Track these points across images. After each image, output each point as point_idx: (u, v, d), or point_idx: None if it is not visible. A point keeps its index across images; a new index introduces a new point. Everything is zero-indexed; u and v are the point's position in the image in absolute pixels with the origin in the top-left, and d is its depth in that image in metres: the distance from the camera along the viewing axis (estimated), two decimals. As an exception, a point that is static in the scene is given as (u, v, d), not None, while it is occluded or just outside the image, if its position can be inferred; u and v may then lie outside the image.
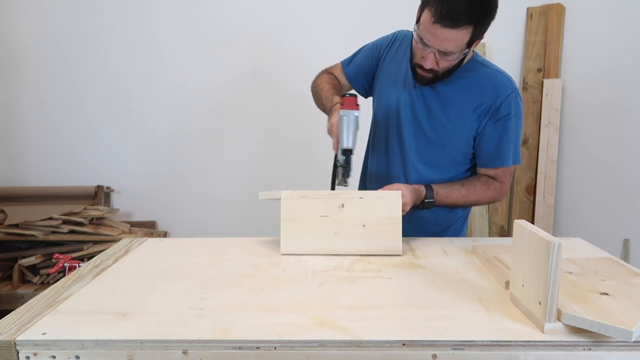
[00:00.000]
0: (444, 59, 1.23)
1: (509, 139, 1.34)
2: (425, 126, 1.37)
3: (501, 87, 1.32)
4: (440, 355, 0.76)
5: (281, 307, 0.89)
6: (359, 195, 1.18)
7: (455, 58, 1.24)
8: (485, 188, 1.38)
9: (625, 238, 2.45)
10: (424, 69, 1.27)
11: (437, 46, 1.20)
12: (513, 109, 1.32)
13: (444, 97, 1.35)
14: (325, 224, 1.18)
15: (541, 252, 0.78)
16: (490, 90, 1.32)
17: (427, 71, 1.27)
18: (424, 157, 1.40)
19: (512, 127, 1.33)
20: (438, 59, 1.23)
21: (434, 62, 1.24)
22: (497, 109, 1.31)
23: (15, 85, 2.80)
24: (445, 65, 1.26)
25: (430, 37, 1.19)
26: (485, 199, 1.40)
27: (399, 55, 1.43)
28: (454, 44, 1.19)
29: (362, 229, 1.17)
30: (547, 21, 2.75)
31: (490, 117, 1.32)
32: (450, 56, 1.23)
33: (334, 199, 1.18)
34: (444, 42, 1.18)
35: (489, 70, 1.36)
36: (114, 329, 0.80)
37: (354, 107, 1.29)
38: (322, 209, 1.18)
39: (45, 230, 2.52)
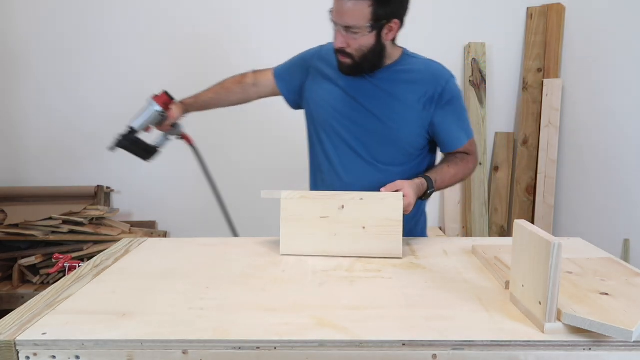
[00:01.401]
0: (351, 37, 1.26)
1: (462, 117, 1.43)
2: (376, 125, 1.38)
3: (439, 75, 1.38)
4: (440, 355, 0.76)
5: (281, 307, 0.89)
6: (360, 197, 1.17)
7: (364, 38, 1.26)
8: (465, 162, 1.43)
9: (625, 238, 2.45)
10: (340, 54, 1.31)
11: (340, 21, 1.25)
12: (455, 92, 1.39)
13: (388, 93, 1.37)
14: (325, 225, 1.18)
15: (541, 252, 0.78)
16: (430, 79, 1.37)
17: (343, 55, 1.30)
18: (379, 157, 1.41)
19: (459, 107, 1.42)
20: (346, 35, 1.26)
21: (344, 41, 1.28)
22: (441, 95, 1.36)
23: (15, 85, 2.80)
24: (356, 46, 1.28)
25: (335, 13, 1.25)
26: (468, 172, 1.45)
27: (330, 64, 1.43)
28: (353, 17, 1.23)
29: (362, 230, 1.17)
30: (547, 21, 2.75)
31: (437, 104, 1.37)
32: (357, 34, 1.25)
33: (333, 200, 1.18)
34: (344, 15, 1.23)
35: (422, 60, 1.43)
36: (114, 329, 0.80)
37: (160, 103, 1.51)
38: (322, 209, 1.18)
39: (45, 230, 2.52)
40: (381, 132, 1.38)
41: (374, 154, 1.41)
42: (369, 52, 1.31)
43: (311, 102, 1.47)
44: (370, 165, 1.41)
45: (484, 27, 2.81)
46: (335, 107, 1.41)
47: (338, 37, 1.28)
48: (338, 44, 1.29)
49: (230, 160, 2.87)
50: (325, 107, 1.43)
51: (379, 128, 1.37)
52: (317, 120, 1.46)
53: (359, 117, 1.39)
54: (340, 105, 1.40)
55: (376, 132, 1.38)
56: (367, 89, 1.38)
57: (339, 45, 1.29)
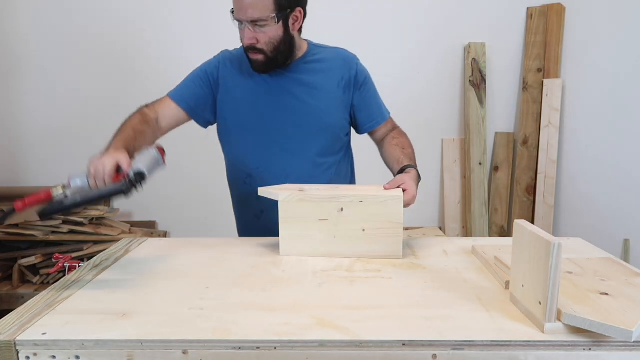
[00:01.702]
0: (259, 31, 1.26)
1: (377, 95, 1.50)
2: (304, 117, 1.39)
3: (349, 59, 1.45)
4: (440, 355, 0.76)
5: (281, 307, 0.89)
6: (359, 199, 1.17)
7: (272, 30, 1.26)
8: (404, 136, 1.48)
9: (625, 238, 2.45)
10: (251, 51, 1.30)
11: (244, 16, 1.24)
12: (366, 72, 1.47)
13: (307, 84, 1.39)
14: (325, 227, 1.17)
15: (541, 252, 0.78)
16: (342, 64, 1.43)
17: (254, 52, 1.29)
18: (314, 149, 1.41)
19: (373, 86, 1.48)
20: (254, 31, 1.26)
21: (253, 37, 1.26)
22: (356, 77, 1.43)
23: (15, 85, 2.80)
24: (266, 40, 1.27)
25: (237, 11, 1.25)
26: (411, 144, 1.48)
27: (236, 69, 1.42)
28: (257, 9, 1.22)
29: (362, 233, 1.17)
30: (547, 21, 2.75)
31: (354, 87, 1.43)
32: (264, 27, 1.25)
33: (333, 203, 1.17)
34: (248, 9, 1.22)
35: (329, 48, 1.47)
36: (114, 329, 0.80)
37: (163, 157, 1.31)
38: (321, 212, 1.17)
39: (45, 230, 2.52)
40: (311, 123, 1.39)
41: (308, 148, 1.41)
42: (280, 44, 1.30)
43: (230, 112, 1.42)
44: (307, 162, 1.41)
45: (484, 27, 2.81)
46: (258, 109, 1.39)
47: (246, 34, 1.26)
48: (247, 40, 1.27)
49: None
50: (247, 112, 1.40)
51: (308, 119, 1.39)
52: (240, 127, 1.42)
53: (285, 114, 1.39)
54: (264, 106, 1.39)
55: (306, 123, 1.39)
56: (286, 84, 1.39)
57: (248, 41, 1.27)
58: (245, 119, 1.41)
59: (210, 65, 1.44)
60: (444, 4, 2.78)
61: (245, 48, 1.31)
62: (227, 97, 1.42)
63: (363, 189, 1.24)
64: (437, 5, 2.77)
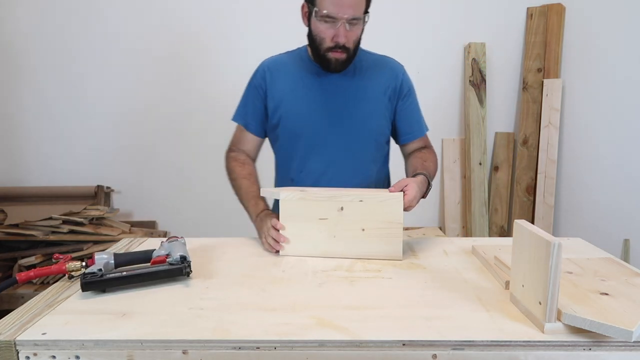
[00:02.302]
0: (352, 30, 1.28)
1: (418, 109, 1.49)
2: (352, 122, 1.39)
3: (396, 69, 1.45)
4: (440, 355, 0.76)
5: (281, 307, 0.89)
6: (359, 199, 1.17)
7: (358, 29, 1.30)
8: (432, 154, 1.46)
9: (625, 238, 2.45)
10: (337, 50, 1.29)
11: (344, 14, 1.24)
12: (411, 84, 1.47)
13: (356, 88, 1.39)
14: (324, 227, 1.17)
15: (541, 252, 0.78)
16: (389, 72, 1.43)
17: (341, 51, 1.30)
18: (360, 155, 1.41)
19: (415, 99, 1.48)
20: (347, 30, 1.27)
21: (346, 34, 1.27)
22: (400, 87, 1.43)
23: (15, 85, 2.80)
24: (354, 38, 1.30)
25: (336, 8, 1.24)
26: (437, 164, 1.47)
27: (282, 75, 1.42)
28: (357, 7, 1.25)
29: (362, 232, 1.17)
30: (547, 21, 2.75)
31: (398, 96, 1.43)
32: (356, 25, 1.28)
33: (333, 202, 1.17)
34: (349, 8, 1.24)
35: (378, 56, 1.47)
36: (114, 329, 0.80)
37: None
38: (321, 211, 1.17)
39: (45, 230, 2.52)
40: (355, 128, 1.39)
41: (351, 153, 1.40)
42: (358, 44, 1.34)
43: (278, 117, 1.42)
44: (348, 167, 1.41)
45: (484, 27, 2.81)
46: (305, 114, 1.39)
47: (341, 32, 1.26)
48: (342, 39, 1.27)
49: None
50: (294, 117, 1.40)
51: (353, 124, 1.39)
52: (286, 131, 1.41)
53: (331, 118, 1.38)
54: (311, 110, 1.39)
55: (350, 128, 1.39)
56: (334, 88, 1.38)
57: (344, 40, 1.27)
58: (291, 123, 1.41)
59: (257, 77, 1.45)
60: (444, 4, 2.78)
61: (330, 47, 1.29)
62: (275, 104, 1.42)
63: (365, 190, 1.24)
64: (437, 5, 2.77)
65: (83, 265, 1.02)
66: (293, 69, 1.41)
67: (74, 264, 1.02)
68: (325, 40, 1.29)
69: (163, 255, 1.06)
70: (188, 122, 2.86)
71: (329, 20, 1.25)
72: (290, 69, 1.42)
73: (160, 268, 1.00)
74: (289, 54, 1.48)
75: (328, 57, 1.32)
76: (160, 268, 1.00)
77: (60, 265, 1.02)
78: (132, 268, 1.01)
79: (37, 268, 1.04)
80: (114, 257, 1.04)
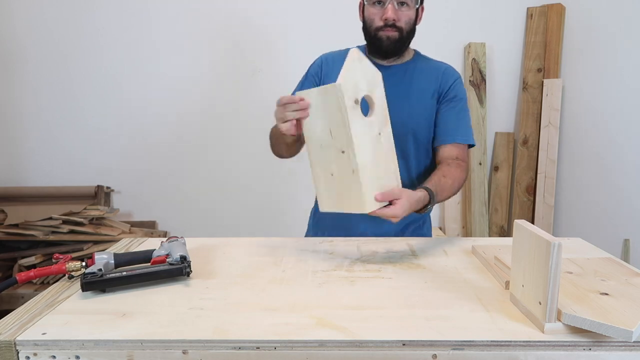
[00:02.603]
0: (401, 10, 1.31)
1: (464, 118, 1.45)
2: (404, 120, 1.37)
3: (449, 73, 1.44)
4: (440, 355, 0.76)
5: (281, 307, 0.89)
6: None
7: (411, 12, 1.32)
8: (459, 170, 1.37)
9: (625, 238, 2.45)
10: (388, 28, 1.32)
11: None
12: (461, 92, 1.44)
13: (405, 87, 1.40)
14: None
15: (541, 252, 0.78)
16: (440, 76, 1.43)
17: (392, 29, 1.32)
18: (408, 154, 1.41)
19: (463, 108, 1.45)
20: (397, 9, 1.30)
21: (395, 12, 1.30)
22: (447, 91, 1.42)
23: (15, 85, 2.80)
24: (406, 19, 1.32)
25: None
26: (461, 182, 1.39)
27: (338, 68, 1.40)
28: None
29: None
30: (547, 21, 2.75)
31: (443, 99, 1.43)
32: (406, 6, 1.31)
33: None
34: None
35: (435, 61, 1.49)
36: (114, 329, 0.80)
37: None
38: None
39: (45, 230, 2.52)
40: (408, 127, 1.38)
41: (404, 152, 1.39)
42: (412, 29, 1.36)
43: None
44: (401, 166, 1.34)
45: (484, 27, 2.81)
46: None
47: (390, 10, 1.29)
48: (390, 15, 1.30)
49: (230, 160, 2.87)
50: None
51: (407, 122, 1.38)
52: None
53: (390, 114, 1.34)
54: None
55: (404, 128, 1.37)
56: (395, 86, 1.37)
57: (392, 16, 1.30)
58: None
59: (314, 67, 1.48)
60: (444, 4, 2.78)
61: (381, 27, 1.32)
62: None
63: None
64: (437, 5, 2.77)
65: (83, 265, 1.02)
66: None
67: (74, 264, 1.02)
68: (374, 20, 1.33)
69: (163, 255, 1.06)
70: (188, 122, 2.86)
71: (377, 3, 1.31)
72: None
73: (160, 268, 1.00)
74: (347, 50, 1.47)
75: (379, 36, 1.34)
76: (160, 268, 1.00)
77: (60, 265, 1.02)
78: (132, 268, 1.01)
79: (37, 268, 1.04)
80: (114, 257, 1.04)
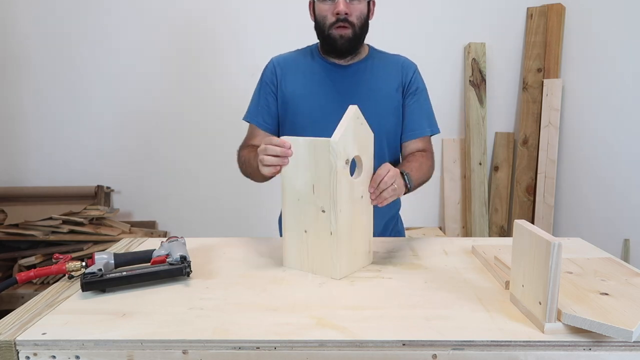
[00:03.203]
0: (352, 4, 1.28)
1: (426, 109, 1.44)
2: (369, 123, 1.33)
3: (407, 66, 1.43)
4: (440, 355, 0.76)
5: (281, 307, 0.89)
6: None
7: (361, 5, 1.30)
8: (428, 161, 1.38)
9: (625, 238, 2.45)
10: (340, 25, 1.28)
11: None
12: (421, 83, 1.43)
13: (367, 86, 1.37)
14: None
15: (541, 252, 0.78)
16: (400, 70, 1.41)
17: (344, 24, 1.28)
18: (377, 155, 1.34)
19: (425, 98, 1.44)
20: (348, 2, 1.27)
21: (347, 5, 1.27)
22: (409, 84, 1.41)
23: (15, 85, 2.80)
24: (357, 14, 1.29)
25: None
26: (430, 172, 1.39)
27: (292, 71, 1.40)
28: None
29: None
30: (547, 21, 2.75)
31: (406, 93, 1.41)
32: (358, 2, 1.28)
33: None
34: None
35: (390, 54, 1.46)
36: (114, 329, 0.80)
37: None
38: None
39: (45, 230, 2.52)
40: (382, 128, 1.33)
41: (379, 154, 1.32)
42: (364, 23, 1.33)
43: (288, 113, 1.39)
44: None
45: (484, 27, 2.81)
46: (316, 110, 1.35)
47: (340, 3, 1.26)
48: (342, 7, 1.26)
49: (231, 160, 2.87)
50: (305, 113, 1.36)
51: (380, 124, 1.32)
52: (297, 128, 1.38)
53: None
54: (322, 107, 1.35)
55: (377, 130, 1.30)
56: (346, 85, 1.36)
57: (343, 9, 1.26)
58: (302, 120, 1.37)
59: (267, 73, 1.43)
60: (444, 4, 2.78)
61: (333, 22, 1.29)
62: (285, 100, 1.39)
63: None
64: (437, 5, 2.78)
65: (83, 265, 1.02)
66: (304, 66, 1.39)
67: (74, 264, 1.02)
68: (327, 17, 1.30)
69: (163, 255, 1.06)
70: (188, 122, 2.86)
71: None
72: (301, 66, 1.40)
73: (160, 268, 1.00)
74: (299, 51, 1.46)
75: (332, 35, 1.30)
76: (160, 268, 1.00)
77: (60, 265, 1.02)
78: (132, 268, 1.01)
79: (37, 268, 1.04)
80: (114, 257, 1.04)
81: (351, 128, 1.03)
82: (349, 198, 1.04)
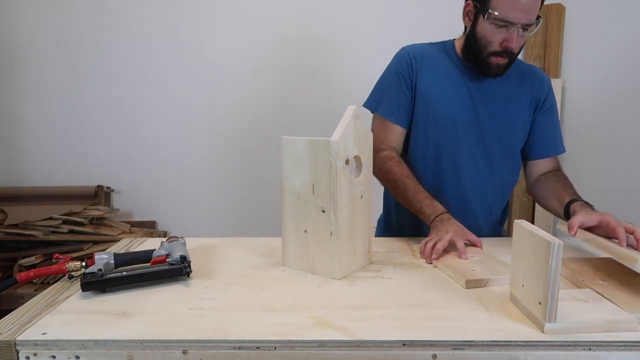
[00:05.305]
0: (523, 35, 1.20)
1: (557, 127, 1.41)
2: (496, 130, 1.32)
3: (544, 80, 1.38)
4: (440, 355, 0.76)
5: (281, 307, 0.89)
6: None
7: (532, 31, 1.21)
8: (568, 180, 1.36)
9: (625, 238, 2.45)
10: (502, 55, 1.22)
11: (523, 19, 1.16)
12: (554, 100, 1.39)
13: (503, 94, 1.32)
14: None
15: (541, 252, 0.78)
16: (537, 82, 1.36)
17: (505, 56, 1.22)
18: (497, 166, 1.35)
19: (556, 118, 1.40)
20: (519, 37, 1.19)
21: (517, 40, 1.19)
22: (544, 100, 1.36)
23: (15, 86, 2.80)
24: (522, 43, 1.23)
25: (516, 12, 1.15)
26: None
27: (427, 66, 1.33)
28: (533, 11, 1.16)
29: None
30: (547, 21, 2.75)
31: (539, 109, 1.36)
32: (528, 31, 1.19)
33: None
34: (529, 13, 1.15)
35: (524, 63, 1.40)
36: (114, 329, 0.80)
37: None
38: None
39: (45, 230, 2.52)
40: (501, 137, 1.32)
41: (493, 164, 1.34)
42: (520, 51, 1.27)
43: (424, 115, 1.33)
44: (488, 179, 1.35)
45: (484, 27, 2.80)
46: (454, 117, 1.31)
47: (513, 37, 1.18)
48: (513, 44, 1.19)
49: (231, 160, 2.87)
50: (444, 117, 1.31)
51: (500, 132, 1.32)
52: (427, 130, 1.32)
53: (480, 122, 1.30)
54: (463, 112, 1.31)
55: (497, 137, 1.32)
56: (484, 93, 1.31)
57: (515, 46, 1.20)
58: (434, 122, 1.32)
59: (402, 64, 1.34)
60: (444, 3, 2.78)
61: (496, 51, 1.22)
62: (421, 97, 1.32)
63: None
64: (437, 5, 2.77)
65: (83, 265, 1.02)
66: (439, 63, 1.32)
67: (74, 264, 1.02)
68: (492, 44, 1.21)
69: (163, 255, 1.06)
70: (188, 122, 2.85)
71: (501, 24, 1.18)
72: (437, 62, 1.32)
73: (160, 268, 1.00)
74: (433, 45, 1.37)
75: (489, 61, 1.24)
76: (160, 268, 1.00)
77: (60, 265, 1.02)
78: (132, 268, 1.01)
79: (37, 268, 1.04)
80: (114, 257, 1.04)
81: (351, 127, 1.03)
82: (348, 198, 1.04)
